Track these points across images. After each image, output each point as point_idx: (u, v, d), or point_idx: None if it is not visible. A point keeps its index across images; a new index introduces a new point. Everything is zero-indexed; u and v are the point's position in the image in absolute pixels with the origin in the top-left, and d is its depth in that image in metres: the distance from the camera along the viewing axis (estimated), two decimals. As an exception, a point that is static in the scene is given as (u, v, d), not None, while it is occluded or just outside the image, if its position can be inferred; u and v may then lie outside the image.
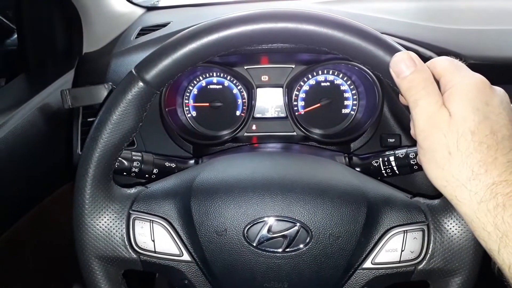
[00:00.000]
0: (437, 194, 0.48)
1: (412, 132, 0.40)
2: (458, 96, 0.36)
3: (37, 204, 0.72)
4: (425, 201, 0.48)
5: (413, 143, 0.74)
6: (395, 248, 0.46)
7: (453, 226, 0.45)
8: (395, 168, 0.59)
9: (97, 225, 0.46)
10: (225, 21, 0.42)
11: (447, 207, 0.45)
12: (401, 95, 0.40)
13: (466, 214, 0.36)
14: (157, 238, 0.47)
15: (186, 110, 0.82)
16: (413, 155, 0.58)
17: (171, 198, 0.48)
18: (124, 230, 0.47)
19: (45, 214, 0.74)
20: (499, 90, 0.37)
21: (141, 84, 0.43)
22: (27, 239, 0.72)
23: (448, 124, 0.35)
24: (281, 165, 0.53)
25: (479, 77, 0.37)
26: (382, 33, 0.42)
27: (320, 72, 0.80)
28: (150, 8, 1.03)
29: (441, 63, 0.39)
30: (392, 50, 0.40)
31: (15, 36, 0.82)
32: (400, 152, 0.59)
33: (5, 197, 0.65)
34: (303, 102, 0.81)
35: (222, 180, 0.49)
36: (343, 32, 0.41)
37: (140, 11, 1.00)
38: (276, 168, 0.52)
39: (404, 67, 0.38)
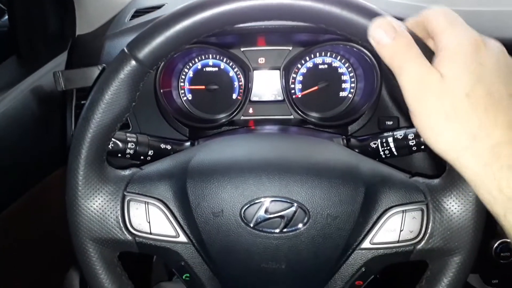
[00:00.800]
0: (436, 174, 0.48)
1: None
2: (449, 57, 0.34)
3: (30, 188, 0.71)
4: (424, 180, 0.47)
5: (411, 125, 0.74)
6: (393, 228, 0.46)
7: (453, 206, 0.44)
8: (393, 149, 0.58)
9: (91, 206, 0.45)
10: None
11: (447, 186, 0.45)
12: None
13: (471, 179, 0.35)
14: (153, 220, 0.46)
15: (182, 93, 0.81)
16: (412, 136, 0.57)
17: (166, 179, 0.47)
18: (119, 212, 0.46)
19: (38, 198, 0.73)
20: (494, 46, 0.35)
21: (133, 62, 0.42)
22: (20, 224, 0.71)
23: (440, 86, 0.33)
24: (278, 146, 0.52)
25: (472, 36, 0.35)
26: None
27: (317, 54, 0.79)
28: (144, -10, 1.00)
29: (433, 19, 0.36)
30: (370, 14, 0.38)
31: (6, 17, 0.80)
32: (399, 133, 0.58)
33: None
34: (301, 85, 0.80)
35: (218, 161, 0.48)
36: (340, 7, 0.39)
37: (134, -7, 0.98)
38: (273, 149, 0.51)
39: (383, 34, 0.35)
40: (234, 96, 0.81)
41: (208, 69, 0.80)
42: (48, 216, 0.72)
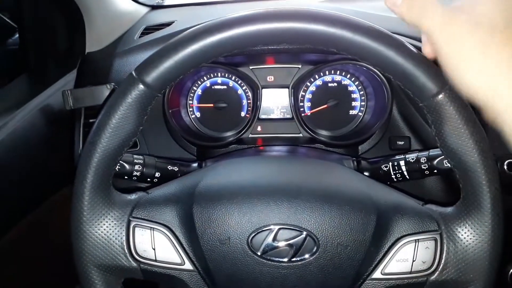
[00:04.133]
0: (450, 201, 0.46)
1: (427, 52, 0.38)
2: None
3: (37, 206, 0.71)
4: (437, 208, 0.46)
5: (423, 146, 0.73)
6: (406, 258, 0.44)
7: (468, 236, 0.43)
8: (405, 173, 0.57)
9: (96, 232, 0.45)
10: (228, 21, 0.41)
11: (461, 215, 0.43)
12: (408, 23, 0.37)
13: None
14: (158, 246, 0.45)
15: (190, 111, 0.81)
16: (424, 159, 0.56)
17: (172, 204, 0.47)
18: (124, 238, 0.45)
19: (45, 216, 0.72)
20: None
21: (141, 86, 0.42)
22: (27, 242, 0.71)
23: (473, 20, 0.33)
24: (286, 170, 0.51)
25: None
26: (393, 32, 0.40)
27: (327, 72, 0.78)
28: (154, 7, 1.01)
29: None
30: (403, 50, 0.38)
31: (17, 35, 0.81)
32: (411, 157, 0.57)
33: (4, 199, 0.64)
34: (310, 103, 0.80)
35: (225, 185, 0.47)
36: (352, 32, 0.39)
37: (144, 9, 0.99)
38: (281, 173, 0.50)
39: None
40: (243, 114, 0.80)
41: (216, 87, 0.80)
42: (54, 236, 0.72)
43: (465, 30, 0.33)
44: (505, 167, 0.65)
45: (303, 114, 0.79)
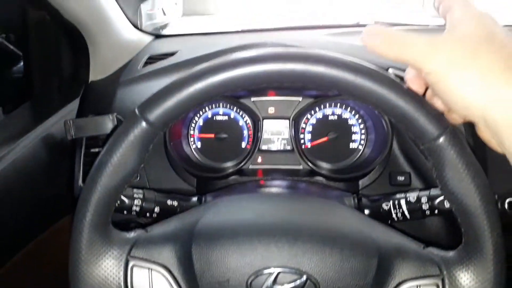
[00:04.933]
0: (451, 243, 0.46)
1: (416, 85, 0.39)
2: (461, 17, 0.35)
3: (36, 237, 0.70)
4: (438, 252, 0.45)
5: (423, 182, 0.73)
6: None
7: (469, 282, 0.42)
8: (406, 212, 0.57)
9: (94, 272, 0.44)
10: (233, 60, 0.41)
11: (463, 260, 0.43)
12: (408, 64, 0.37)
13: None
14: (156, 287, 0.45)
15: (191, 141, 0.81)
16: (425, 199, 0.56)
17: (171, 243, 0.46)
18: (122, 278, 0.44)
19: (45, 247, 0.72)
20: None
21: (144, 124, 0.42)
22: (25, 274, 0.69)
23: (458, 35, 0.34)
24: (287, 209, 0.51)
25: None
26: (388, 67, 0.41)
27: (327, 105, 0.79)
28: (158, 36, 1.03)
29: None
30: (404, 93, 0.38)
31: (21, 63, 0.82)
32: (412, 196, 0.57)
33: (4, 230, 0.63)
34: (310, 135, 0.80)
35: (225, 225, 0.47)
36: (353, 75, 0.39)
37: (148, 38, 1.00)
38: (282, 212, 0.50)
39: (372, 40, 0.37)
40: (243, 145, 0.81)
41: (218, 117, 0.80)
42: (52, 268, 0.70)
43: (450, 47, 0.34)
44: (506, 206, 0.64)
45: (303, 146, 0.79)
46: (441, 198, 0.55)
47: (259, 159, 0.80)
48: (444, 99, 0.36)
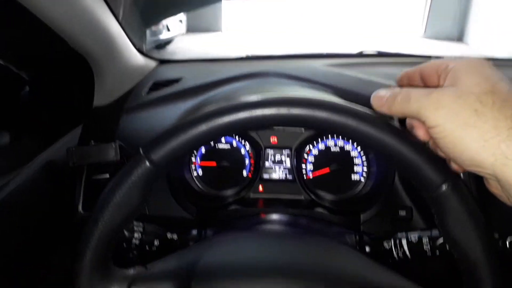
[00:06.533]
0: (451, 284, 0.45)
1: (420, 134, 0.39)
2: (462, 71, 0.35)
3: (38, 264, 0.69)
4: None
5: (425, 217, 0.72)
6: None
7: None
8: (407, 252, 0.56)
9: None
10: (238, 105, 0.41)
11: None
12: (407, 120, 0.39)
13: None
14: None
15: (193, 169, 0.81)
16: (426, 240, 0.55)
17: (171, 281, 0.46)
18: None
19: (44, 274, 0.71)
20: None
21: (147, 164, 0.42)
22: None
23: (458, 89, 0.34)
24: (288, 250, 0.51)
25: (476, 58, 0.37)
26: None
27: (330, 136, 0.79)
28: (162, 61, 1.04)
29: (426, 64, 0.39)
30: (407, 142, 0.39)
31: (27, 89, 0.83)
32: (413, 236, 0.56)
33: (4, 258, 0.62)
34: (312, 165, 0.80)
35: (225, 265, 0.47)
36: (356, 121, 0.40)
37: (152, 63, 1.01)
38: (282, 253, 0.49)
39: (378, 100, 0.39)
40: (245, 173, 0.81)
41: (220, 146, 0.81)
42: None
43: (453, 100, 0.34)
44: (507, 244, 0.64)
45: (305, 177, 0.79)
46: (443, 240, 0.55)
47: (260, 188, 0.80)
48: (450, 155, 0.36)
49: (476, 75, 0.35)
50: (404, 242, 0.56)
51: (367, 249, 0.60)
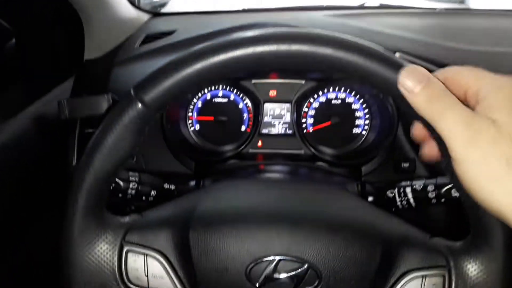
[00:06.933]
0: (457, 231, 0.44)
1: (427, 152, 0.36)
2: (498, 102, 0.31)
3: (29, 222, 0.68)
4: (445, 242, 0.44)
5: (428, 169, 0.71)
6: None
7: (478, 273, 0.41)
8: (411, 200, 0.55)
9: (86, 257, 0.42)
10: (233, 41, 0.38)
11: (471, 251, 0.41)
12: (419, 116, 0.34)
13: None
14: (151, 274, 0.43)
15: (189, 124, 0.79)
16: (432, 187, 0.54)
17: (168, 229, 0.44)
18: (116, 264, 0.43)
19: (36, 236, 0.69)
20: None
21: (139, 106, 0.39)
22: (17, 259, 0.67)
23: (496, 130, 0.30)
24: (289, 196, 0.49)
25: (508, 80, 0.32)
26: (396, 51, 0.38)
27: (331, 89, 0.76)
28: (155, 14, 0.99)
29: (459, 72, 0.34)
30: (397, 67, 0.35)
31: (13, 40, 0.79)
32: (418, 184, 0.55)
33: None
34: (312, 119, 0.78)
35: (224, 211, 0.45)
36: (344, 51, 0.36)
37: (145, 16, 0.97)
38: (283, 199, 0.48)
39: (415, 81, 0.33)
40: (243, 128, 0.78)
41: (217, 100, 0.78)
42: (43, 257, 0.68)
43: (489, 143, 0.30)
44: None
45: (305, 131, 0.77)
46: (449, 186, 0.53)
47: (259, 143, 0.78)
48: (467, 189, 0.32)
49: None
50: (408, 190, 0.55)
51: (370, 199, 0.58)
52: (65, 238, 0.42)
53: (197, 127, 0.79)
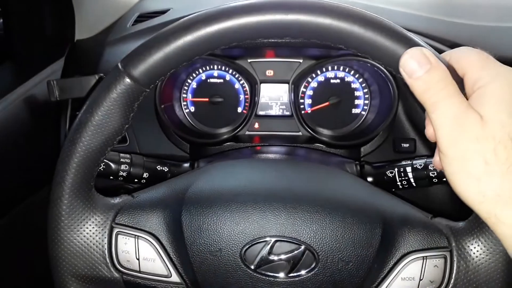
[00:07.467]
0: (460, 214, 0.43)
1: (429, 134, 0.35)
2: (491, 97, 0.30)
3: (17, 205, 0.66)
4: (447, 222, 0.42)
5: (430, 149, 0.69)
6: (412, 276, 0.40)
7: (480, 254, 0.39)
8: (412, 180, 0.53)
9: (75, 239, 0.41)
10: (226, 10, 0.36)
11: (473, 231, 0.40)
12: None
13: (507, 236, 0.31)
14: (143, 256, 0.42)
15: (184, 105, 0.77)
16: (433, 166, 0.52)
17: (159, 210, 0.43)
18: (106, 246, 0.41)
19: (25, 217, 0.68)
20: None
21: (128, 80, 0.37)
22: (5, 240, 0.66)
23: (481, 128, 0.30)
24: (285, 176, 0.47)
25: (509, 75, 0.31)
26: (406, 29, 0.36)
27: (329, 68, 0.74)
28: (149, -7, 0.96)
29: (465, 56, 0.33)
30: (407, 42, 0.33)
31: (1, 20, 0.76)
32: (418, 163, 0.53)
33: None
34: (311, 100, 0.75)
35: (218, 191, 0.44)
36: (349, 23, 0.34)
37: (138, -5, 0.94)
38: (279, 179, 0.46)
39: (416, 66, 0.32)
40: (239, 109, 0.76)
41: (212, 80, 0.76)
42: (32, 240, 0.67)
43: (475, 136, 0.30)
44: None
45: (303, 112, 0.75)
46: None
47: (256, 125, 0.76)
48: (449, 177, 0.32)
49: (508, 113, 0.30)
50: (408, 169, 0.53)
51: (369, 179, 0.57)
52: (52, 219, 0.41)
53: (192, 109, 0.77)
